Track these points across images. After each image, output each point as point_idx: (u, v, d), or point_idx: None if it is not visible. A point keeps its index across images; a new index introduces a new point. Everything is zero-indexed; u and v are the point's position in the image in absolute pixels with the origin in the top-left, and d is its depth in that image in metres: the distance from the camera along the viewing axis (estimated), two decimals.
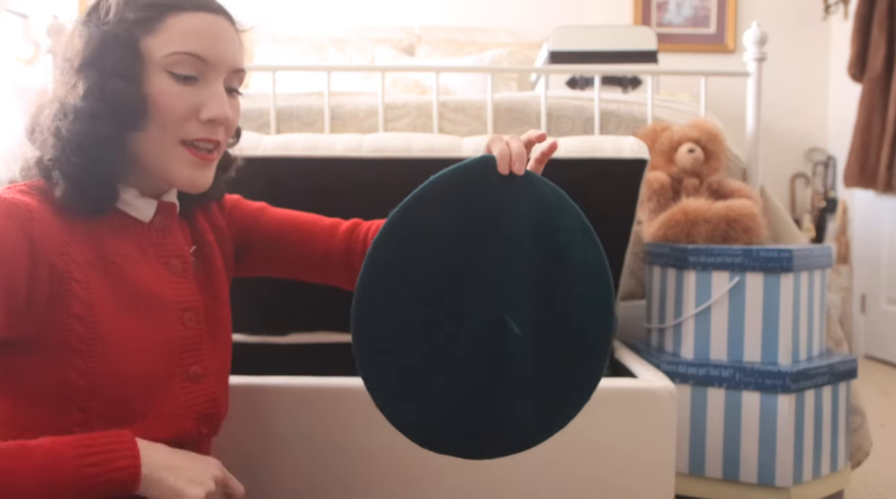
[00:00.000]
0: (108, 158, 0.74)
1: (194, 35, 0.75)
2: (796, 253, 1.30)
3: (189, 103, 0.75)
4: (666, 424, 1.01)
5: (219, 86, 0.77)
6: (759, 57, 1.68)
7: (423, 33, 3.28)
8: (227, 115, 0.77)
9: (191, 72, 0.75)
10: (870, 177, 3.07)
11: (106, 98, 0.73)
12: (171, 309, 0.80)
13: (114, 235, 0.77)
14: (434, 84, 1.64)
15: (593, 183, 1.24)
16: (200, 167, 0.78)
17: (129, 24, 0.74)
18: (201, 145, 0.77)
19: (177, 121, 0.75)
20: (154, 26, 0.74)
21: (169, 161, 0.76)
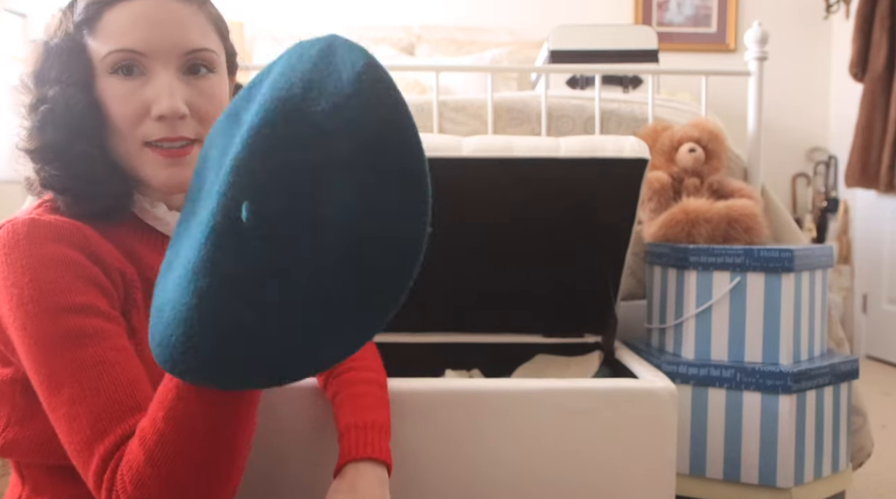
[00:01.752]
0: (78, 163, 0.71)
1: (128, 28, 0.70)
2: (797, 253, 1.29)
3: (137, 103, 0.71)
4: (667, 424, 1.01)
5: (165, 77, 0.71)
6: (760, 56, 1.67)
7: (423, 32, 3.28)
8: (178, 108, 0.70)
9: (129, 64, 0.70)
10: (871, 177, 3.07)
11: (53, 106, 0.70)
12: None
13: (146, 252, 0.76)
14: (434, 83, 1.63)
15: (594, 183, 1.23)
16: (172, 165, 0.73)
17: (73, 31, 0.72)
18: (165, 144, 0.72)
19: (129, 124, 0.71)
20: (93, 26, 0.71)
21: (138, 165, 0.73)
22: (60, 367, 0.63)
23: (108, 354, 0.64)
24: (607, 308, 1.35)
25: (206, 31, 0.75)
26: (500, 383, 1.03)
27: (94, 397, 0.62)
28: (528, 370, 1.37)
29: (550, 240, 1.31)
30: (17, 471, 0.74)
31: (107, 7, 0.71)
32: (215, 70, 0.76)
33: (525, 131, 1.67)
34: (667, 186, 1.49)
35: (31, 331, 0.64)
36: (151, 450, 0.59)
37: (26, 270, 0.65)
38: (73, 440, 0.62)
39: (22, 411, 0.70)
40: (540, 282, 1.37)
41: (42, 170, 0.72)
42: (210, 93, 0.75)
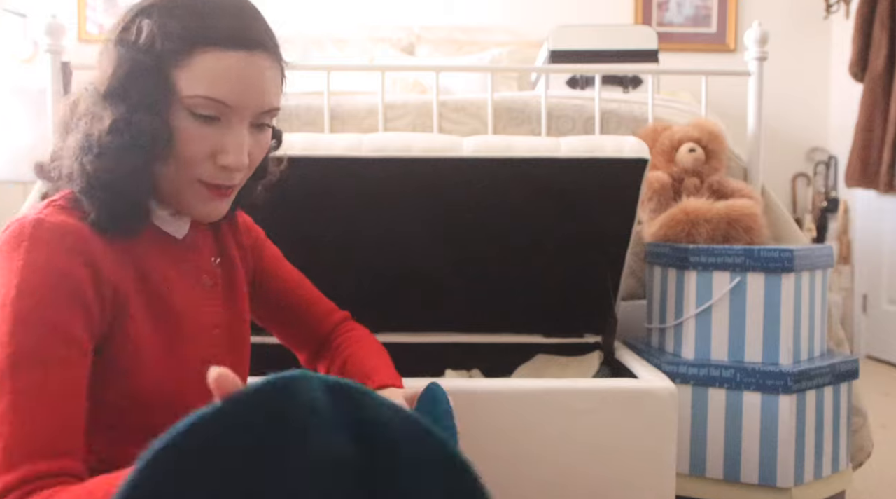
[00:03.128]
0: (134, 189, 0.72)
1: (220, 78, 0.70)
2: (797, 253, 1.29)
3: (208, 146, 0.72)
4: (667, 424, 1.00)
5: (241, 130, 0.73)
6: (760, 56, 1.67)
7: (423, 32, 3.28)
8: (243, 163, 0.73)
9: (213, 113, 0.71)
10: (871, 176, 3.07)
11: (132, 132, 0.69)
12: (204, 328, 0.79)
13: (152, 253, 0.76)
14: (434, 83, 1.63)
15: (594, 183, 1.23)
16: (216, 201, 0.76)
17: (159, 54, 0.70)
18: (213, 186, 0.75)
19: (194, 161, 0.72)
20: (182, 61, 0.70)
21: (184, 196, 0.75)
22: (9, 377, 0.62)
23: (56, 386, 0.63)
24: (607, 308, 1.35)
25: (279, 88, 0.77)
26: (500, 383, 1.03)
27: (20, 424, 0.61)
28: (528, 370, 1.37)
29: (550, 240, 1.31)
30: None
31: (201, 48, 0.70)
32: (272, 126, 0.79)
33: (525, 131, 1.67)
34: (667, 186, 1.49)
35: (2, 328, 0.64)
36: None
37: (18, 273, 0.65)
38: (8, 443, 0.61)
39: None
40: (539, 282, 1.37)
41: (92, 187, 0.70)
42: (265, 144, 0.78)
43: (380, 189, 1.24)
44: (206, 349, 0.79)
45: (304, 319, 1.01)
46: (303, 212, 1.22)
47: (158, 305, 0.75)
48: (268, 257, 0.98)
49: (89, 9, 3.38)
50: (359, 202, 1.25)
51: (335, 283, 1.07)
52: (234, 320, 0.86)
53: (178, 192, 0.74)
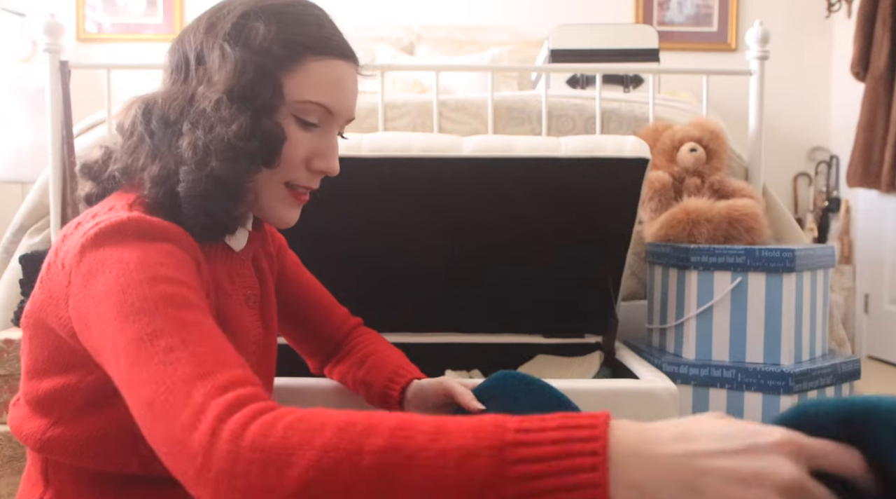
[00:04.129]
0: (246, 193, 0.71)
1: (329, 85, 0.73)
2: (799, 253, 1.29)
3: (307, 151, 0.74)
4: None
5: (335, 137, 0.76)
6: (761, 55, 1.66)
7: (423, 32, 3.27)
8: (337, 169, 0.76)
9: (317, 120, 0.74)
10: (873, 176, 3.06)
11: (259, 138, 0.69)
12: (247, 343, 0.78)
13: (214, 264, 0.75)
14: (434, 83, 1.63)
15: (594, 182, 1.23)
16: (294, 207, 0.78)
17: (274, 59, 0.71)
18: (301, 189, 0.77)
19: (291, 165, 0.74)
20: (294, 67, 0.71)
21: (269, 199, 0.75)
22: (160, 320, 0.57)
23: (208, 321, 0.60)
24: (608, 308, 1.34)
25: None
26: None
27: (197, 346, 0.56)
28: (528, 370, 1.36)
29: (551, 239, 1.31)
30: (43, 473, 0.72)
31: (312, 55, 0.72)
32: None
33: (525, 131, 1.67)
34: (667, 185, 1.49)
35: (131, 293, 0.59)
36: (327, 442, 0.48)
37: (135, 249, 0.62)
38: (164, 383, 0.53)
39: (74, 412, 0.68)
40: (540, 282, 1.37)
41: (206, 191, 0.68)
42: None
43: (380, 189, 1.24)
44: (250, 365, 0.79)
45: (320, 324, 1.00)
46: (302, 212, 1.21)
47: (221, 316, 0.73)
48: (290, 263, 0.98)
49: (88, 8, 3.38)
50: (359, 202, 1.24)
51: (335, 282, 1.06)
52: (267, 335, 0.85)
53: (262, 195, 0.74)
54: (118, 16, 3.39)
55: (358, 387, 0.95)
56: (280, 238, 0.98)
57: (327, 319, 1.00)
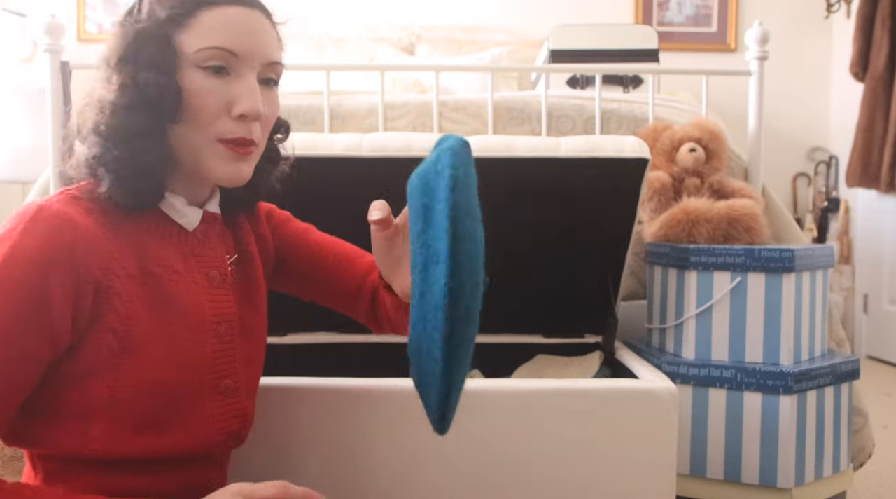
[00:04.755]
0: (147, 149, 0.73)
1: (225, 29, 0.74)
2: (798, 253, 1.29)
3: (221, 98, 0.75)
4: (667, 424, 1.00)
5: (251, 80, 0.76)
6: (760, 56, 1.67)
7: (423, 32, 3.27)
8: (259, 110, 0.75)
9: (221, 63, 0.74)
10: (872, 176, 3.06)
11: (140, 89, 0.72)
12: (208, 323, 0.79)
13: (159, 245, 0.77)
14: (434, 83, 1.63)
15: (594, 182, 1.23)
16: (237, 161, 0.77)
17: (162, 21, 0.74)
18: (234, 142, 0.76)
19: (210, 117, 0.74)
20: (186, 21, 0.74)
21: (204, 157, 0.76)
22: None
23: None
24: (607, 308, 1.35)
25: (279, 46, 0.81)
26: (500, 383, 1.02)
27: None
28: (528, 370, 1.37)
29: (550, 240, 1.31)
30: (31, 462, 0.75)
31: (203, 7, 0.74)
32: (278, 83, 0.82)
33: (525, 131, 1.67)
34: (667, 185, 1.49)
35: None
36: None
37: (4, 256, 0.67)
38: None
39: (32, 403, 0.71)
40: (540, 282, 1.37)
41: (104, 151, 0.73)
42: (274, 103, 0.81)
43: (380, 189, 1.24)
44: (210, 344, 0.79)
45: (346, 271, 0.97)
46: (302, 212, 1.21)
47: (161, 295, 0.75)
48: (293, 232, 0.97)
49: (88, 8, 3.38)
50: (359, 202, 1.24)
51: None
52: (247, 318, 0.86)
53: (199, 156, 0.75)
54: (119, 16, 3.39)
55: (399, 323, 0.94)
56: (279, 214, 0.98)
57: (353, 265, 0.98)
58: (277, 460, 1.00)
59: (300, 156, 1.21)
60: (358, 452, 1.00)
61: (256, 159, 0.80)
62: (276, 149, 0.90)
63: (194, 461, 0.78)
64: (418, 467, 1.00)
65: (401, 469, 0.99)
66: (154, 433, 0.73)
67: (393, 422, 0.99)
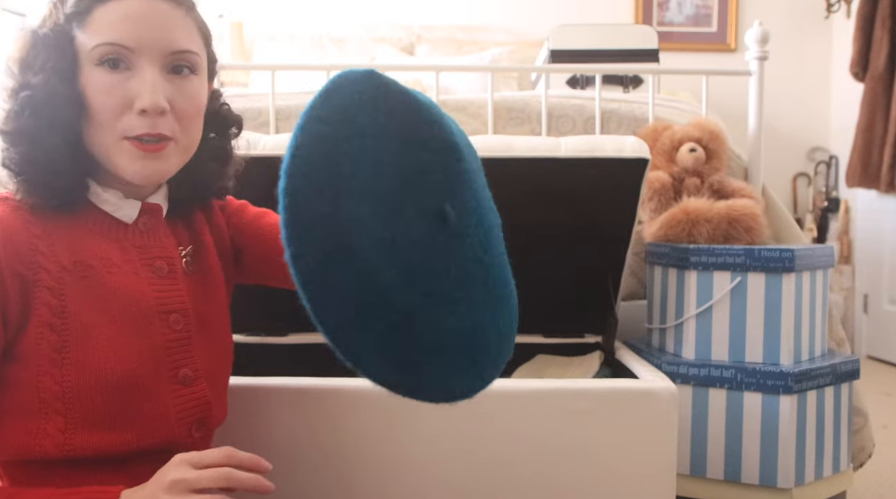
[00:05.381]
0: (51, 149, 0.73)
1: (118, 23, 0.73)
2: (798, 253, 1.29)
3: (120, 96, 0.73)
4: (667, 424, 1.00)
5: (149, 73, 0.74)
6: (760, 56, 1.67)
7: (423, 32, 3.27)
8: (159, 104, 0.73)
9: (115, 56, 0.73)
10: (872, 176, 3.06)
11: (34, 93, 0.72)
12: (153, 312, 0.78)
13: (95, 238, 0.77)
14: (434, 83, 1.63)
15: (594, 183, 1.23)
16: (147, 159, 0.75)
17: (61, 23, 0.74)
18: (145, 139, 0.74)
19: (111, 115, 0.73)
20: (84, 20, 0.73)
21: (113, 156, 0.75)
22: None
23: None
24: (607, 308, 1.35)
25: (191, 34, 0.78)
26: (500, 383, 1.02)
27: None
28: (528, 370, 1.37)
29: (550, 240, 1.31)
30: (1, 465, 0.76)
31: (98, 3, 0.73)
32: (197, 72, 0.79)
33: (525, 131, 1.67)
34: (667, 185, 1.49)
35: None
36: None
37: None
38: None
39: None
40: (540, 282, 1.37)
41: (9, 154, 0.73)
42: (190, 93, 0.77)
43: None
44: (161, 334, 0.78)
45: None
46: None
47: (99, 287, 0.75)
48: (248, 219, 0.95)
49: None
50: None
51: None
52: (203, 309, 0.85)
53: (109, 156, 0.75)
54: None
55: None
56: (235, 204, 0.96)
57: None
58: (276, 459, 1.00)
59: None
60: (357, 451, 1.00)
61: (179, 155, 0.78)
62: (222, 147, 0.88)
63: (161, 454, 0.76)
64: (418, 466, 1.00)
65: (401, 469, 0.99)
66: (112, 427, 0.73)
67: (392, 422, 0.99)
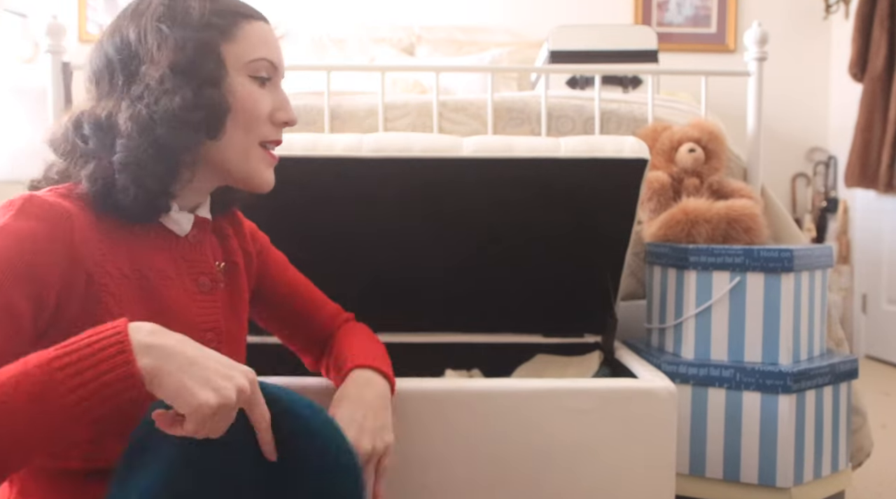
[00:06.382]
0: (184, 166, 0.75)
1: (266, 42, 0.79)
2: (797, 253, 1.29)
3: (268, 105, 0.79)
4: (666, 424, 1.01)
5: (283, 89, 0.82)
6: (759, 56, 1.67)
7: (423, 33, 3.28)
8: (296, 118, 0.82)
9: (268, 74, 0.79)
10: (871, 177, 3.07)
11: (202, 108, 0.73)
12: (195, 329, 0.79)
13: (150, 249, 0.77)
14: (434, 84, 1.63)
15: (593, 183, 1.24)
16: (272, 167, 0.82)
17: (212, 31, 0.76)
18: (271, 146, 0.81)
19: (259, 122, 0.78)
20: (232, 33, 0.77)
21: (251, 162, 0.79)
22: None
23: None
24: (607, 308, 1.35)
25: None
26: (500, 383, 1.03)
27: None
28: (528, 370, 1.37)
29: (550, 240, 1.31)
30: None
31: (244, 20, 0.78)
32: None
33: (525, 131, 1.67)
34: (666, 186, 1.49)
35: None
36: None
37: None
38: None
39: None
40: (540, 282, 1.37)
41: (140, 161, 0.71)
42: None
43: (380, 189, 1.24)
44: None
45: (309, 322, 1.01)
46: (303, 212, 1.22)
47: (151, 299, 0.75)
48: (273, 263, 0.98)
49: (90, 9, 3.38)
50: (359, 202, 1.25)
51: (335, 283, 1.07)
52: (231, 327, 0.86)
53: (244, 160, 0.78)
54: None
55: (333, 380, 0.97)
56: (262, 238, 0.99)
57: (315, 316, 1.01)
58: None
59: (301, 157, 1.22)
60: None
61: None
62: None
63: None
64: (418, 466, 1.00)
65: (400, 469, 1.00)
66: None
67: None
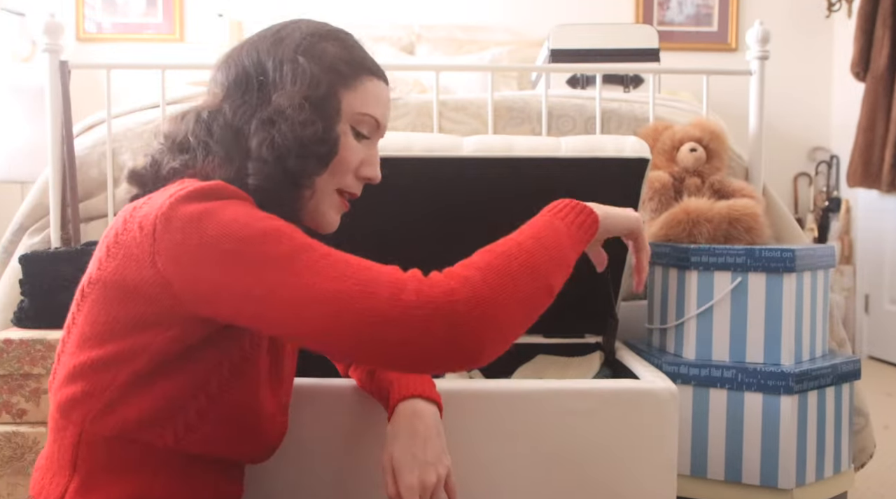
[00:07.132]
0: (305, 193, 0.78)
1: (378, 102, 0.82)
2: (799, 253, 1.29)
3: (359, 159, 0.82)
4: (668, 425, 1.00)
5: (376, 148, 0.85)
6: (761, 55, 1.66)
7: (423, 32, 3.27)
8: (379, 177, 0.85)
9: (369, 131, 0.82)
10: (873, 176, 3.06)
11: (328, 143, 0.77)
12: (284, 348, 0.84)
13: None
14: (434, 83, 1.63)
15: (594, 182, 1.23)
16: (340, 212, 0.84)
17: (338, 76, 0.79)
18: (346, 195, 0.84)
19: (346, 171, 0.81)
20: (354, 84, 0.80)
21: (324, 205, 0.81)
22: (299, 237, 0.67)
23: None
24: (608, 309, 1.34)
25: None
26: (500, 384, 1.02)
27: (341, 253, 0.68)
28: (528, 371, 1.36)
29: None
30: (72, 460, 0.73)
31: (367, 75, 0.82)
32: None
33: (525, 131, 1.67)
34: (668, 185, 1.49)
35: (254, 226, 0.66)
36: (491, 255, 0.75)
37: (229, 203, 0.69)
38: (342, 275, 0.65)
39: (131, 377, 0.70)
40: None
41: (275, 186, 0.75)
42: None
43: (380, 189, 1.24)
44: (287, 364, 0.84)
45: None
46: None
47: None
48: None
49: (87, 8, 3.38)
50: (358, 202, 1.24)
51: None
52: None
53: (319, 201, 0.81)
54: (118, 16, 3.39)
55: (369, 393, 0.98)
56: None
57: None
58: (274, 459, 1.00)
59: None
60: (356, 451, 1.00)
61: None
62: None
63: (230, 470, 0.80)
64: None
65: None
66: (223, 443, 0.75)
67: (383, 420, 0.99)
